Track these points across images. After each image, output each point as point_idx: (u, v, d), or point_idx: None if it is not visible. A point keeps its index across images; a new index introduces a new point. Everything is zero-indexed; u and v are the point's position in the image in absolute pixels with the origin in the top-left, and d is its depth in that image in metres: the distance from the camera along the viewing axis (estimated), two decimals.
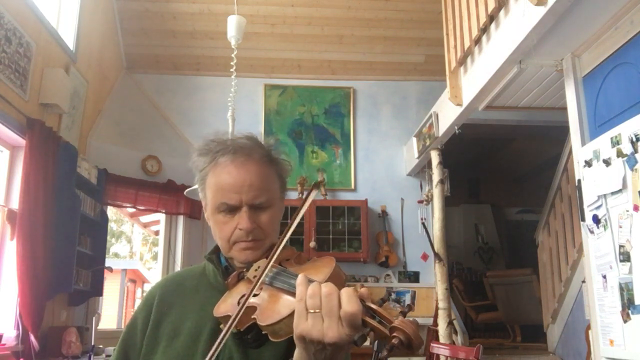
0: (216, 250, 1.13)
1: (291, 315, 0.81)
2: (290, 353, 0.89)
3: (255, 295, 0.91)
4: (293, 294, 0.84)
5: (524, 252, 7.56)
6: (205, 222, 1.14)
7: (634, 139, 2.43)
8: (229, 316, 0.92)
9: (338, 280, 0.87)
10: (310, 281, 0.82)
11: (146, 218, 7.18)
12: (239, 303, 0.93)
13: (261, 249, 1.05)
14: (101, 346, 4.28)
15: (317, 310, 0.76)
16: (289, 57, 6.08)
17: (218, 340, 0.85)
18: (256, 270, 0.99)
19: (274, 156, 1.09)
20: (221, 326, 0.96)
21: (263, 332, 0.87)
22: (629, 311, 2.47)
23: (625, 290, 2.49)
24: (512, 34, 3.15)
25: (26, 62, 3.83)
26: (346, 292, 0.77)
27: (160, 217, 5.78)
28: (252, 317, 0.89)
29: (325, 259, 0.94)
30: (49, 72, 4.08)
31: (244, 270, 1.02)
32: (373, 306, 0.78)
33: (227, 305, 0.96)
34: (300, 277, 0.82)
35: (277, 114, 6.11)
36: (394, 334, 0.74)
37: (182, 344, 1.01)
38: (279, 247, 0.94)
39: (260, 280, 0.91)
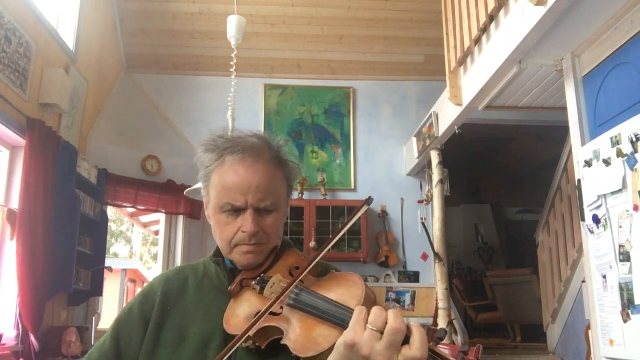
0: (220, 252, 1.09)
1: (331, 349, 0.79)
2: None
3: (276, 315, 0.88)
4: (328, 322, 0.82)
5: (524, 252, 7.57)
6: (206, 222, 1.11)
7: (634, 139, 2.43)
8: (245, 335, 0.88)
9: (369, 302, 0.84)
10: (344, 311, 0.81)
11: (146, 218, 7.18)
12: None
13: (263, 253, 1.02)
14: None
15: (376, 329, 0.76)
16: (289, 57, 6.07)
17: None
18: (272, 287, 0.94)
19: (283, 158, 1.05)
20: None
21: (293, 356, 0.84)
22: (629, 311, 2.47)
23: (625, 290, 2.49)
24: (512, 34, 3.15)
25: (26, 62, 3.83)
26: (420, 334, 0.75)
27: (160, 217, 5.78)
28: (282, 342, 0.85)
29: (351, 279, 0.89)
30: (49, 72, 4.08)
31: (253, 282, 0.98)
32: (441, 353, 0.76)
33: (239, 323, 0.92)
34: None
35: (277, 114, 6.11)
36: None
37: (190, 351, 0.97)
38: (307, 268, 0.88)
39: (278, 303, 0.87)
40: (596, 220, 2.73)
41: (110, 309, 9.57)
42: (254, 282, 0.97)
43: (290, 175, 1.07)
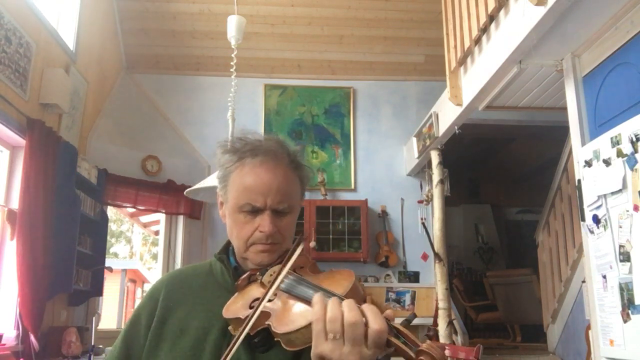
0: (225, 249, 1.13)
1: (308, 326, 0.80)
2: (297, 358, 0.89)
3: (269, 301, 0.91)
4: (309, 303, 0.83)
5: (524, 252, 7.56)
6: (206, 222, 1.13)
7: (634, 139, 2.43)
8: (239, 318, 0.91)
9: (357, 295, 0.86)
10: (328, 295, 0.82)
11: (146, 218, 7.17)
12: (251, 307, 0.92)
13: (277, 253, 1.05)
14: (101, 346, 4.28)
15: (338, 336, 0.76)
16: (289, 57, 6.07)
17: (231, 346, 0.84)
18: (271, 275, 0.99)
19: (300, 162, 1.10)
20: (230, 328, 0.95)
21: (276, 339, 0.86)
22: (629, 311, 2.47)
23: (625, 290, 2.49)
24: (512, 34, 3.15)
25: (26, 62, 3.83)
26: (372, 311, 0.77)
27: (160, 217, 5.78)
28: (266, 323, 0.88)
29: (344, 272, 0.93)
30: (49, 72, 4.08)
31: (257, 273, 1.01)
32: (399, 327, 0.78)
33: (237, 307, 0.96)
34: (317, 297, 0.81)
35: (277, 114, 6.11)
36: (421, 357, 0.74)
37: (189, 342, 1.00)
38: (293, 253, 0.94)
39: (276, 286, 0.90)
40: (596, 220, 2.73)
41: (110, 309, 9.57)
42: (258, 273, 1.02)
43: (304, 178, 1.12)
